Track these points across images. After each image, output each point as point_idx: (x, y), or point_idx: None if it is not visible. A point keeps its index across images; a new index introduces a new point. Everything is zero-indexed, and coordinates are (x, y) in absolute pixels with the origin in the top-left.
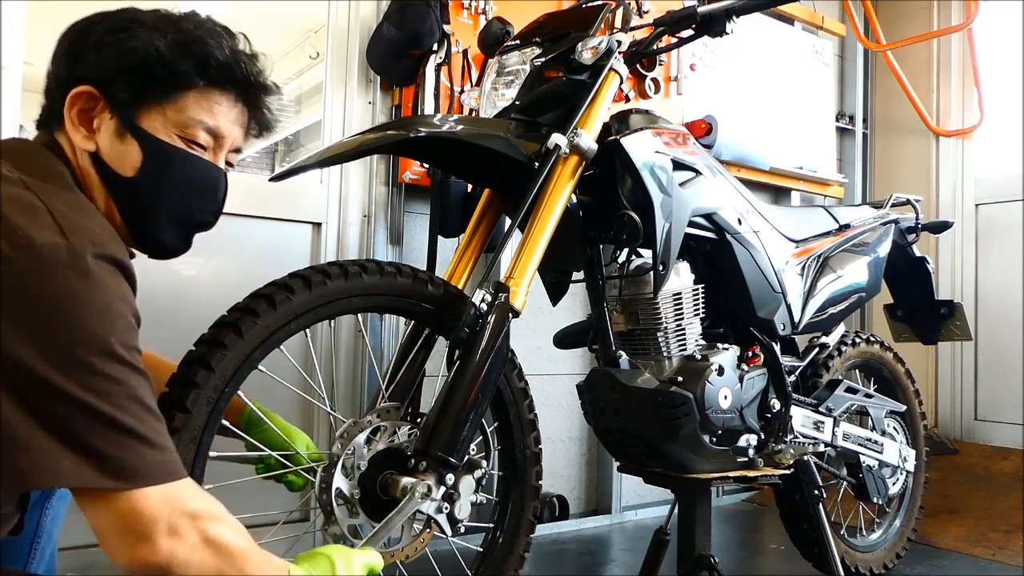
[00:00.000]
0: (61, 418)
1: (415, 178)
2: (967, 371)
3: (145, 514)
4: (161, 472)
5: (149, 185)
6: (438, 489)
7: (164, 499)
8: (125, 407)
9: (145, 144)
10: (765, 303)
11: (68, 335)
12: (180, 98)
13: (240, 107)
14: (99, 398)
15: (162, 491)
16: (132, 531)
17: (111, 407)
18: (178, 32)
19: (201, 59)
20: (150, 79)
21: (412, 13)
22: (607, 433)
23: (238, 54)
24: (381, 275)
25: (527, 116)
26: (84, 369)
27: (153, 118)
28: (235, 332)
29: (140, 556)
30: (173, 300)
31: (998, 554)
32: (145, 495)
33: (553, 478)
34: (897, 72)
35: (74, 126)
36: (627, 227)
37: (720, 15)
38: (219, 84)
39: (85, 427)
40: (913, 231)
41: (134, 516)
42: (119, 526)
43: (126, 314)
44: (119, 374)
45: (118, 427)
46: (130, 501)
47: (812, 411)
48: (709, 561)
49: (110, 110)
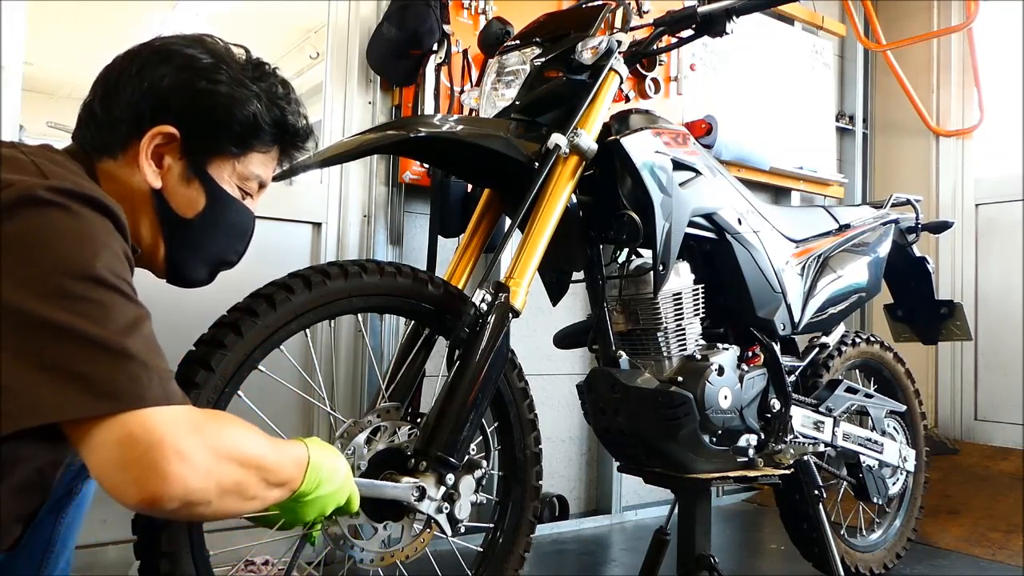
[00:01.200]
0: (41, 347)
1: (415, 178)
2: (967, 371)
3: (144, 439)
4: (158, 394)
5: (204, 229)
6: (438, 489)
7: (165, 421)
8: (113, 329)
9: (211, 192)
10: (765, 303)
11: (45, 263)
12: (250, 154)
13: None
14: (82, 320)
15: (162, 413)
16: (134, 462)
17: (97, 328)
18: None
19: (282, 126)
20: (235, 136)
21: (412, 13)
22: (607, 433)
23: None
24: (381, 275)
25: (527, 116)
26: (64, 294)
27: (222, 168)
28: (235, 332)
29: (149, 490)
30: (173, 300)
31: (998, 554)
32: (143, 418)
33: (553, 478)
34: (897, 72)
35: (148, 160)
36: (627, 227)
37: (720, 15)
38: (283, 146)
39: (68, 352)
40: (913, 231)
41: (132, 443)
42: (119, 458)
43: (112, 246)
44: (105, 298)
45: (105, 348)
46: (126, 426)
47: (812, 411)
48: (709, 561)
49: (182, 152)
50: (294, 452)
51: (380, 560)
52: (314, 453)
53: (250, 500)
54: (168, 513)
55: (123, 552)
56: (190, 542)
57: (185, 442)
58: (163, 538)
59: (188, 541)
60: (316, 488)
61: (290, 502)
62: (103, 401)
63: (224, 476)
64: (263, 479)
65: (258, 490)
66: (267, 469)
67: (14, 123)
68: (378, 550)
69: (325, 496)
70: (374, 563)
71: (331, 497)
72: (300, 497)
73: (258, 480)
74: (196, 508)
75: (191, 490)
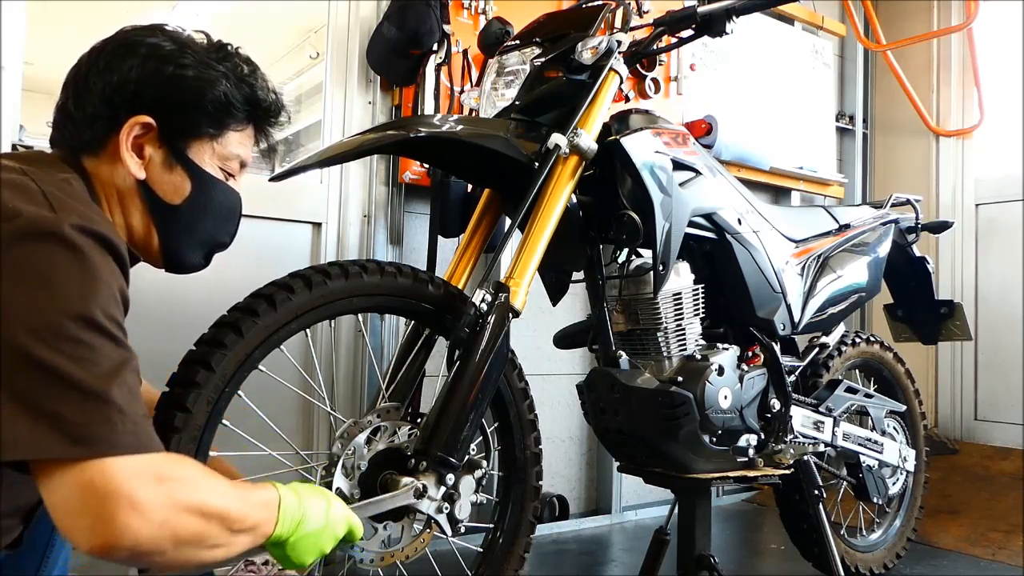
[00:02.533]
0: (24, 383)
1: (415, 178)
2: (967, 371)
3: (102, 489)
4: (130, 443)
5: (193, 213)
6: (438, 489)
7: (128, 472)
8: (96, 373)
9: (194, 176)
10: (765, 303)
11: (42, 300)
12: (227, 133)
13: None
14: (68, 361)
15: (125, 462)
16: (89, 510)
17: (80, 371)
18: (232, 73)
19: (253, 102)
20: (209, 117)
21: (412, 13)
22: (607, 433)
23: (274, 94)
24: (381, 275)
25: (527, 116)
26: (55, 333)
27: (202, 151)
28: (235, 332)
29: (99, 539)
30: (173, 300)
31: (998, 554)
32: (109, 466)
33: (553, 478)
34: (897, 72)
35: (129, 153)
36: (627, 227)
37: (720, 15)
38: (257, 123)
39: (49, 392)
40: (913, 231)
41: (90, 492)
42: (77, 503)
43: (111, 286)
44: (94, 341)
45: (85, 392)
46: (87, 473)
47: (812, 411)
48: (709, 561)
49: (160, 139)
50: (262, 497)
51: (380, 560)
52: (285, 495)
53: (213, 549)
54: (120, 561)
55: None
56: None
57: (142, 493)
58: None
59: None
60: (296, 529)
61: (275, 549)
62: (74, 445)
63: (181, 527)
64: (227, 528)
65: (222, 538)
66: (230, 519)
67: (14, 123)
68: (378, 550)
69: (312, 535)
70: (374, 563)
71: (321, 535)
72: (282, 542)
73: (221, 529)
74: (149, 558)
75: (141, 542)
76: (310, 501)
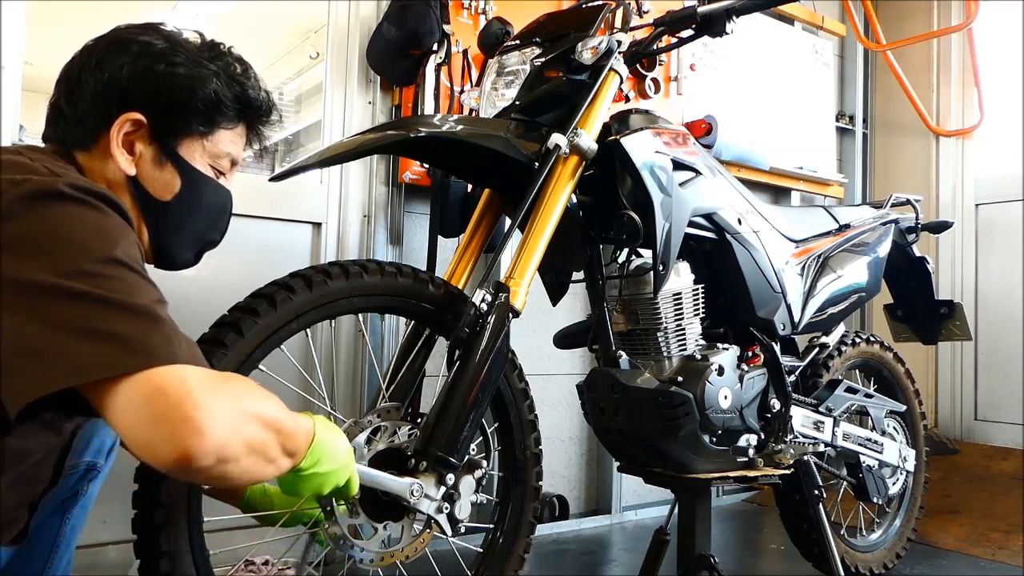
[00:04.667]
0: (73, 315)
1: (415, 178)
2: (967, 371)
3: (175, 393)
4: (187, 355)
5: (182, 210)
6: (438, 489)
7: (197, 378)
8: (143, 299)
9: (184, 173)
10: (765, 303)
11: (68, 250)
12: (217, 132)
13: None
14: (111, 291)
15: (189, 370)
16: (166, 416)
17: (127, 297)
18: (224, 72)
19: (243, 101)
20: (200, 115)
21: (412, 13)
22: (607, 433)
23: (265, 92)
24: (382, 275)
25: (527, 116)
26: (90, 274)
27: (192, 149)
28: (236, 331)
29: (184, 445)
30: (173, 300)
31: (998, 554)
32: (178, 372)
33: (553, 478)
34: (897, 72)
35: (119, 149)
36: (627, 227)
37: (720, 15)
38: (249, 121)
39: (101, 316)
40: (913, 231)
41: (162, 398)
42: (153, 412)
43: (129, 237)
44: (130, 277)
45: (137, 312)
46: (154, 381)
47: (812, 411)
48: (709, 561)
49: (151, 136)
50: (304, 424)
51: (380, 560)
52: (319, 429)
53: (269, 463)
54: (201, 472)
55: (123, 552)
56: (190, 542)
57: (212, 398)
58: (163, 538)
59: (188, 541)
60: (315, 464)
61: (289, 475)
62: (140, 357)
63: (250, 433)
64: (280, 443)
65: (275, 453)
66: (284, 433)
67: (14, 123)
68: (378, 550)
69: (323, 474)
70: (374, 563)
71: (329, 476)
72: (299, 471)
73: (276, 444)
74: (227, 466)
75: (224, 444)
76: (335, 442)
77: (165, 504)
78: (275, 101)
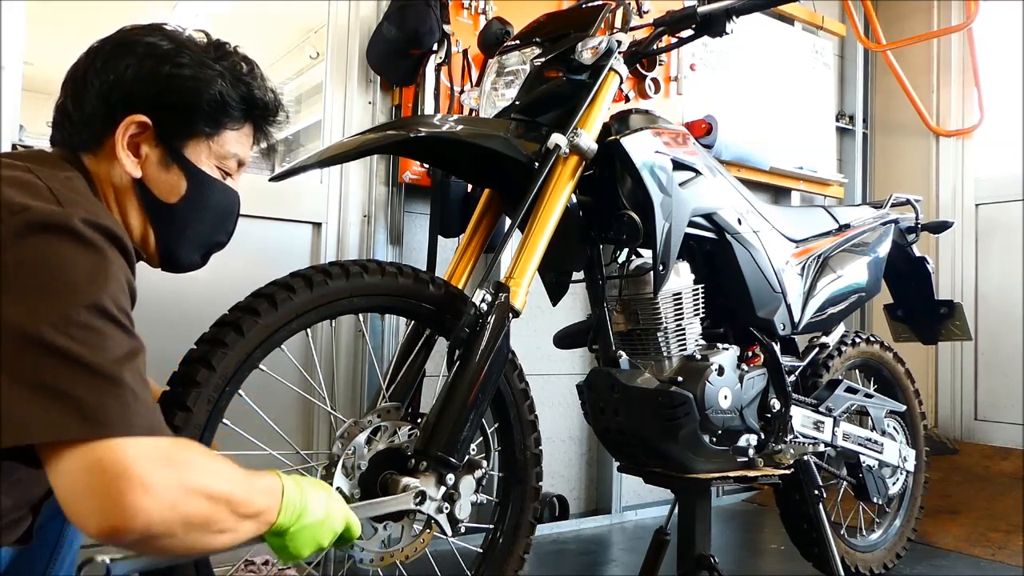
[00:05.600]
0: (36, 367)
1: (415, 178)
2: (967, 371)
3: (112, 468)
4: (143, 424)
5: (189, 212)
6: (438, 489)
7: (137, 452)
8: (109, 358)
9: (190, 175)
10: (765, 303)
11: (53, 290)
12: (223, 133)
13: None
14: (80, 346)
15: (135, 443)
16: (98, 491)
17: (93, 355)
18: (229, 72)
19: (249, 101)
20: (205, 117)
21: (412, 13)
22: (607, 433)
23: (272, 92)
24: (382, 275)
25: (527, 116)
26: (67, 320)
27: (198, 150)
28: (236, 331)
29: (110, 521)
30: (173, 299)
31: (998, 554)
32: (120, 447)
33: (553, 478)
34: (897, 72)
35: (125, 152)
36: (627, 227)
37: (720, 15)
38: (255, 122)
39: (61, 375)
40: (913, 231)
41: (100, 472)
42: (87, 485)
43: (119, 278)
44: (106, 329)
45: (98, 374)
46: (100, 452)
47: (812, 411)
48: (709, 561)
49: (156, 138)
50: (266, 484)
51: (380, 560)
52: (288, 484)
53: (220, 534)
54: (130, 545)
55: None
56: None
57: (153, 474)
58: None
59: None
60: (298, 519)
61: (274, 539)
62: (87, 425)
63: (190, 510)
64: (233, 512)
65: (228, 523)
66: (236, 502)
67: (14, 123)
68: (378, 550)
69: (312, 526)
70: (374, 563)
71: (320, 528)
72: (282, 532)
73: (227, 513)
74: (159, 541)
75: (153, 523)
76: (312, 493)
77: None
78: (281, 100)
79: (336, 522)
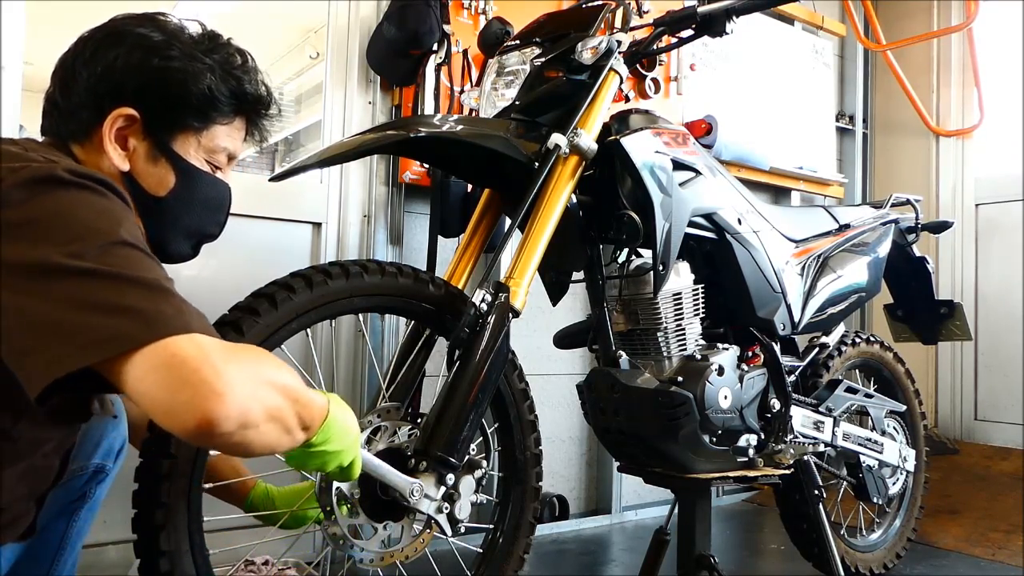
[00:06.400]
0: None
1: (415, 178)
2: (967, 371)
3: (193, 357)
4: (199, 326)
5: (178, 205)
6: (438, 489)
7: (211, 346)
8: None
9: (179, 169)
10: (765, 303)
11: (75, 233)
12: (212, 126)
13: (248, 127)
14: (120, 267)
15: (206, 339)
16: (186, 381)
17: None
18: (220, 66)
19: (239, 95)
20: (194, 111)
21: (412, 13)
22: (607, 433)
23: (264, 86)
24: (382, 275)
25: (527, 116)
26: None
27: (187, 143)
28: (236, 331)
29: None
30: None
31: (998, 554)
32: (190, 340)
33: (553, 478)
34: (897, 72)
35: (112, 144)
36: (627, 227)
37: (720, 15)
38: (246, 115)
39: (112, 292)
40: (913, 231)
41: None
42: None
43: (130, 218)
44: (133, 255)
45: (148, 286)
46: (175, 347)
47: (812, 411)
48: (709, 561)
49: (145, 131)
50: (319, 399)
51: (380, 560)
52: (334, 407)
53: (286, 434)
54: (224, 437)
55: (123, 552)
56: (190, 541)
57: (230, 364)
58: (163, 537)
59: (188, 540)
60: (325, 442)
61: (299, 449)
62: (155, 327)
63: (269, 400)
64: (297, 413)
65: (292, 423)
66: (301, 403)
67: (14, 123)
68: (378, 550)
69: (331, 452)
70: (374, 563)
71: (336, 455)
72: (310, 446)
73: (293, 413)
74: (248, 432)
75: (245, 409)
76: (348, 422)
77: (165, 504)
78: (274, 93)
79: (347, 456)
